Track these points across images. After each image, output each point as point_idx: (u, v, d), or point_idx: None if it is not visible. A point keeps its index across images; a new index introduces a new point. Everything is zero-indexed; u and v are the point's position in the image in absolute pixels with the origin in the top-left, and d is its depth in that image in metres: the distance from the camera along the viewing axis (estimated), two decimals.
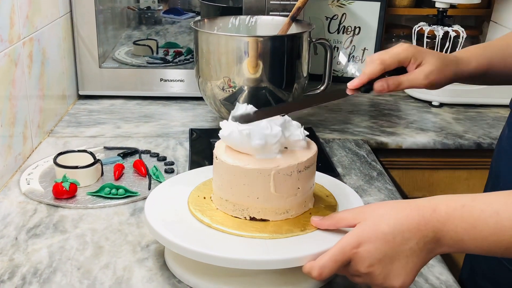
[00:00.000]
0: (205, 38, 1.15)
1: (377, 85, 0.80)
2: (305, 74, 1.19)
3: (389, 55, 0.81)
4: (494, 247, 0.59)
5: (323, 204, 0.78)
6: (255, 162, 0.71)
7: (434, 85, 0.83)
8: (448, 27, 1.46)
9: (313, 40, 1.19)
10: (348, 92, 0.80)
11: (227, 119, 0.73)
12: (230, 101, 1.16)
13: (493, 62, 0.87)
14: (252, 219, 0.73)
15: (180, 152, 1.14)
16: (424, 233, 0.60)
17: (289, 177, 0.71)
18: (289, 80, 1.16)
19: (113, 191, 0.95)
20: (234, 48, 1.12)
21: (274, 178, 0.71)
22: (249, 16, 1.29)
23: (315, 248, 0.67)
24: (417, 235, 0.60)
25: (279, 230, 0.71)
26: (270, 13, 1.31)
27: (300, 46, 1.15)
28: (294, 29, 1.21)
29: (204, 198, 0.79)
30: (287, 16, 1.21)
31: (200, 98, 1.33)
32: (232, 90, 1.14)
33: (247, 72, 1.12)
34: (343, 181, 1.00)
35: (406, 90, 1.54)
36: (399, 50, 0.81)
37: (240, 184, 0.72)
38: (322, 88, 1.24)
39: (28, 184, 0.98)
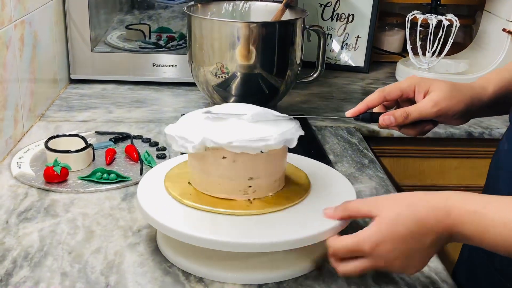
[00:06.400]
0: (198, 23, 1.15)
1: (383, 118, 0.79)
2: (298, 61, 1.19)
3: (390, 85, 0.82)
4: (504, 252, 0.60)
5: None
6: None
7: (447, 113, 0.78)
8: (442, 15, 1.46)
9: (307, 26, 1.18)
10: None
11: (219, 104, 0.73)
12: (223, 87, 1.16)
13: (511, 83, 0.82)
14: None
15: None
16: (438, 232, 0.62)
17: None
18: (282, 66, 1.16)
19: (105, 175, 0.95)
20: (227, 33, 1.11)
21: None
22: (243, 1, 1.28)
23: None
24: (432, 234, 0.63)
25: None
26: None
27: (294, 32, 1.15)
28: (288, 16, 1.21)
29: None
30: (281, 2, 1.21)
31: (192, 84, 1.33)
32: (225, 76, 1.14)
33: (240, 58, 1.11)
34: (334, 168, 1.00)
35: (396, 76, 1.54)
36: (401, 81, 0.81)
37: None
38: (315, 75, 1.24)
39: (19, 167, 0.97)
